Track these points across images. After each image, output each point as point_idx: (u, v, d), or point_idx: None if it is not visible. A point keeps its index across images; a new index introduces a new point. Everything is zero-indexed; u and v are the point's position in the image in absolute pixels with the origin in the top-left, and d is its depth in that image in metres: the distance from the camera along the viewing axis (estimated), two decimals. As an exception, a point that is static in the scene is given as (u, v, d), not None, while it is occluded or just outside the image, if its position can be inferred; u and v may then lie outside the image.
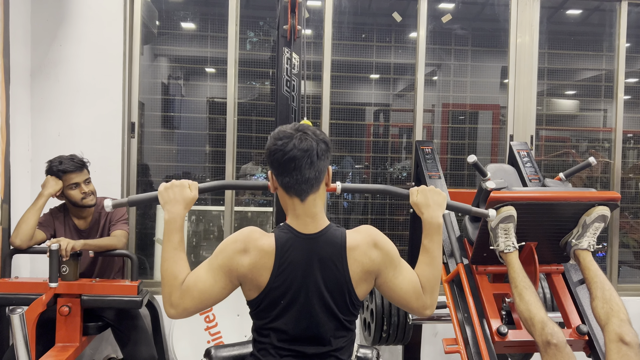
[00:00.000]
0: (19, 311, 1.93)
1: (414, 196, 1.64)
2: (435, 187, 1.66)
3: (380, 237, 1.52)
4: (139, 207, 1.76)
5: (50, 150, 2.96)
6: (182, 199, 1.53)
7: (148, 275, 3.53)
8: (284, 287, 1.45)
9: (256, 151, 3.59)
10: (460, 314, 2.17)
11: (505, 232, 2.06)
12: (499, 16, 3.71)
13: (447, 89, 3.84)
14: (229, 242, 1.48)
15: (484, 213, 1.80)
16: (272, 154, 1.46)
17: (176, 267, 1.47)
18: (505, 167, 2.71)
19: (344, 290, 1.47)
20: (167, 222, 1.52)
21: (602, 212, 2.07)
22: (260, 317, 1.51)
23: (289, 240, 1.46)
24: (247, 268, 1.45)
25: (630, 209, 3.87)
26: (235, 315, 3.17)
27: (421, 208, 1.61)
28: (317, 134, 1.46)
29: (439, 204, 1.61)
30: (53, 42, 3.15)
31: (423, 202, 1.61)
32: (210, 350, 1.80)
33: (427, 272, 1.56)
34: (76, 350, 2.50)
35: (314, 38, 3.58)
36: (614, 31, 3.73)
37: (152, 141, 3.57)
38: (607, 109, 3.87)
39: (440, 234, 1.59)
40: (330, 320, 1.48)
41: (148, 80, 3.55)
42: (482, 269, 2.24)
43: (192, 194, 1.55)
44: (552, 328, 1.79)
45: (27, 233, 2.52)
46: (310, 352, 1.48)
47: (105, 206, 1.64)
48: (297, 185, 1.45)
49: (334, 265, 1.46)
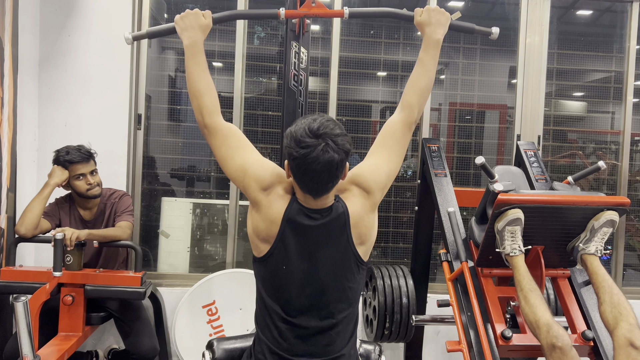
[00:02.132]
0: (22, 299, 1.93)
1: (418, 15, 1.72)
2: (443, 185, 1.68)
3: (356, 176, 1.58)
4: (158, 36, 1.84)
5: (57, 140, 2.97)
6: (198, 25, 1.63)
7: (152, 267, 3.54)
8: (286, 252, 1.49)
9: (262, 145, 3.58)
10: (464, 316, 2.15)
11: (512, 235, 2.03)
12: (508, 15, 3.69)
13: (454, 87, 3.82)
14: (273, 173, 1.54)
15: (487, 31, 1.90)
16: (291, 159, 1.45)
17: (204, 86, 1.59)
18: (512, 169, 2.68)
19: (349, 253, 1.52)
20: (189, 46, 1.60)
21: (611, 217, 2.03)
22: (265, 282, 1.54)
23: (296, 210, 1.50)
24: (256, 201, 1.52)
25: (636, 211, 3.85)
26: (237, 310, 3.17)
27: (424, 26, 1.70)
28: (338, 143, 1.43)
29: (441, 23, 1.70)
30: (62, 32, 3.16)
31: (426, 21, 1.69)
32: (212, 342, 1.81)
33: (420, 81, 1.67)
34: (79, 340, 2.51)
35: (322, 34, 3.57)
36: (624, 32, 3.70)
37: (158, 133, 3.57)
38: (615, 111, 3.85)
39: (438, 49, 1.68)
40: (334, 288, 1.52)
41: (155, 73, 3.55)
42: (487, 272, 2.21)
43: (207, 21, 1.65)
44: (558, 331, 1.76)
45: (32, 222, 2.53)
46: (312, 325, 1.50)
47: (125, 39, 1.75)
48: (313, 190, 1.48)
49: (338, 233, 1.51)
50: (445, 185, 2.71)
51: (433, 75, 1.68)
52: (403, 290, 2.93)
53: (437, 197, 2.64)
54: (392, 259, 3.73)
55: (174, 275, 3.48)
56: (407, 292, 2.93)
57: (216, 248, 3.64)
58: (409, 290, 2.94)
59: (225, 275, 3.22)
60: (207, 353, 1.79)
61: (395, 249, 3.73)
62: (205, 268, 3.59)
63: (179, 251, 3.56)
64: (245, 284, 3.18)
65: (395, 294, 2.92)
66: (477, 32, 1.91)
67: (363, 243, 1.55)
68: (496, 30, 1.90)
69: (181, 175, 3.68)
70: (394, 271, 3.04)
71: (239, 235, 3.51)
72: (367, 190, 1.56)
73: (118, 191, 2.85)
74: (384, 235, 3.69)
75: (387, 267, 3.09)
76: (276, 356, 1.51)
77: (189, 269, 3.56)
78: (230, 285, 3.20)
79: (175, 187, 3.67)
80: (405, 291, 2.93)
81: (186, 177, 3.70)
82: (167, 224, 3.55)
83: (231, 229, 3.49)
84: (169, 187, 3.64)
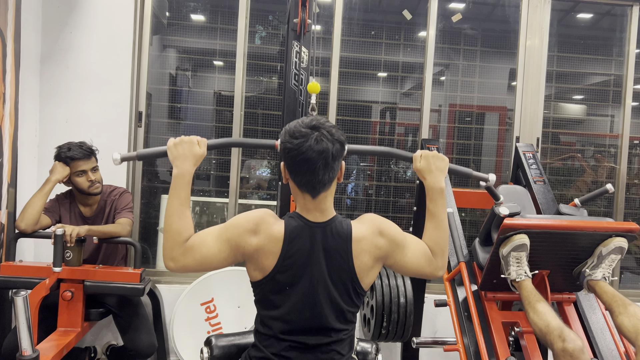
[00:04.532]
0: (22, 294, 1.94)
1: (417, 162, 1.69)
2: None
3: (384, 223, 1.55)
4: (148, 159, 1.75)
5: (58, 136, 2.98)
6: (192, 155, 1.54)
7: (151, 265, 3.55)
8: (289, 274, 1.46)
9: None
10: (466, 339, 2.10)
11: (518, 261, 1.97)
12: (509, 17, 3.71)
13: (454, 89, 3.84)
14: (242, 219, 1.48)
15: (484, 177, 1.86)
16: (286, 152, 1.45)
17: (181, 224, 1.46)
18: (517, 188, 2.62)
19: (348, 280, 1.49)
20: (176, 177, 1.53)
21: (620, 243, 1.96)
22: (264, 304, 1.52)
23: (297, 228, 1.48)
24: (253, 249, 1.46)
25: (633, 214, 3.86)
26: (236, 307, 3.18)
27: (424, 174, 1.67)
28: (332, 133, 1.45)
29: (440, 170, 1.66)
30: (64, 29, 3.17)
31: (426, 168, 1.66)
32: (210, 339, 1.81)
33: (435, 235, 1.61)
34: (77, 335, 2.52)
35: (323, 34, 3.58)
36: (624, 36, 3.72)
37: (159, 131, 3.58)
38: (614, 115, 3.86)
39: (444, 197, 1.65)
40: (333, 310, 1.50)
41: (156, 71, 3.56)
42: (491, 296, 2.15)
43: (201, 151, 1.56)
44: (569, 334, 1.71)
45: (33, 217, 2.54)
46: (311, 342, 1.49)
47: (114, 159, 1.67)
48: (310, 184, 1.46)
49: (340, 256, 1.48)
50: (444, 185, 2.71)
51: (447, 224, 1.64)
52: (401, 290, 2.94)
53: (435, 197, 2.64)
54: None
55: (172, 273, 3.48)
56: (404, 291, 2.94)
57: (215, 246, 3.65)
58: (406, 289, 2.95)
59: (224, 273, 3.23)
60: (205, 349, 1.79)
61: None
62: (204, 266, 3.60)
63: (178, 249, 3.56)
64: (244, 282, 3.17)
65: (392, 293, 2.93)
66: (474, 178, 1.87)
67: (361, 279, 1.52)
68: (492, 178, 1.85)
69: (181, 173, 3.68)
70: (392, 271, 3.05)
71: (238, 233, 3.52)
72: (388, 239, 1.54)
73: (118, 188, 2.86)
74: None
75: (385, 267, 3.09)
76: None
77: (188, 267, 3.56)
78: (229, 283, 3.21)
79: (175, 185, 3.67)
80: (403, 291, 2.94)
81: (186, 175, 3.70)
82: (167, 222, 3.55)
83: (230, 227, 3.49)
84: (168, 185, 3.64)
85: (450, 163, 1.72)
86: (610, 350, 2.05)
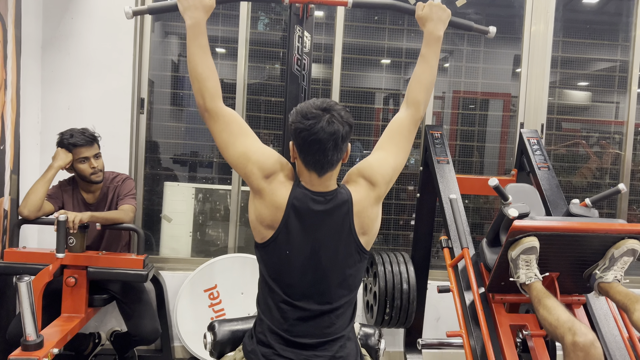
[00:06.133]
0: (26, 279, 1.95)
1: (419, 10, 1.73)
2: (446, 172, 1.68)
3: (362, 169, 1.61)
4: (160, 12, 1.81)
5: (60, 123, 2.97)
6: (202, 5, 1.58)
7: (154, 251, 3.56)
8: (290, 238, 1.52)
9: (265, 131, 3.58)
10: (472, 341, 2.07)
11: (527, 264, 1.92)
12: (514, 2, 3.66)
13: (458, 75, 3.81)
14: (275, 160, 1.55)
15: (485, 30, 1.92)
16: (298, 132, 1.48)
17: (205, 70, 1.55)
18: (526, 187, 2.56)
19: (351, 241, 1.55)
20: (191, 27, 1.57)
21: (633, 246, 1.91)
22: (267, 269, 1.56)
23: (300, 194, 1.52)
24: (259, 189, 1.53)
25: (637, 201, 3.84)
26: (239, 294, 3.19)
27: (425, 21, 1.71)
28: (342, 115, 1.49)
29: (441, 19, 1.71)
30: (65, 14, 3.14)
31: (427, 15, 1.70)
32: (214, 324, 1.82)
33: (424, 78, 1.68)
34: (81, 321, 2.53)
35: (326, 19, 3.55)
36: (630, 21, 3.67)
37: (161, 118, 3.57)
38: (619, 101, 3.83)
39: (439, 46, 1.70)
40: (335, 273, 1.55)
41: (158, 57, 3.54)
42: (499, 298, 2.12)
43: (210, 2, 1.60)
44: (580, 328, 1.68)
45: (36, 204, 2.54)
46: (313, 308, 1.54)
47: (125, 12, 1.72)
48: (319, 164, 1.50)
49: (341, 220, 1.53)
50: (447, 172, 2.70)
51: (436, 70, 1.71)
52: (404, 277, 2.95)
53: (439, 183, 2.64)
54: (394, 246, 3.74)
55: (176, 259, 3.50)
56: (407, 278, 2.95)
57: (218, 233, 3.66)
58: (409, 276, 2.96)
59: (227, 260, 3.24)
60: (209, 334, 1.80)
61: (396, 236, 3.74)
62: (207, 253, 3.61)
63: (181, 235, 3.58)
64: (247, 268, 3.20)
65: (395, 279, 2.93)
66: (475, 31, 1.93)
67: (365, 233, 1.58)
68: (493, 30, 1.92)
69: (184, 160, 3.68)
70: (395, 257, 3.06)
71: (241, 220, 3.53)
72: (372, 183, 1.58)
73: (121, 175, 2.85)
74: (386, 223, 3.69)
75: (388, 254, 3.10)
76: (277, 336, 1.54)
77: (191, 254, 3.58)
78: (232, 270, 3.22)
79: (178, 172, 3.67)
80: (406, 277, 2.95)
81: (188, 162, 3.70)
82: (170, 209, 3.56)
83: (233, 215, 3.50)
84: (171, 171, 3.65)
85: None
86: (620, 352, 2.02)
